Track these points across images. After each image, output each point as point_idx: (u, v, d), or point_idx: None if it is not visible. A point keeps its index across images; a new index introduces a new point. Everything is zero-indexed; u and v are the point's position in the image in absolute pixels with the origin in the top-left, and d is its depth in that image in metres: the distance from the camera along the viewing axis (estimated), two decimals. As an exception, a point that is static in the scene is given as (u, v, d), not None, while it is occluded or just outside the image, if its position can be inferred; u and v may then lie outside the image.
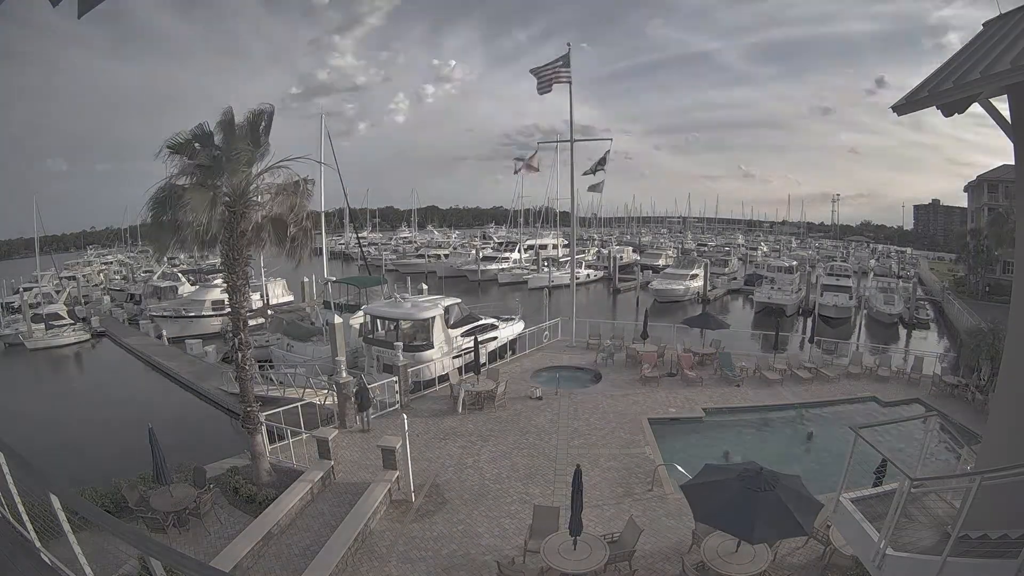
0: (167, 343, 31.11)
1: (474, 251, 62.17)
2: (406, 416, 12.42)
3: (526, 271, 55.94)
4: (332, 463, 12.53)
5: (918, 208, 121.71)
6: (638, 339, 21.91)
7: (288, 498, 11.02)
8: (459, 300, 24.44)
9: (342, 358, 17.16)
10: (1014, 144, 5.49)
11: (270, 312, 30.94)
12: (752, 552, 8.34)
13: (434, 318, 21.73)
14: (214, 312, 34.07)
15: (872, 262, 69.71)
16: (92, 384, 28.01)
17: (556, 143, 32.25)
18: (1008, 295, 6.21)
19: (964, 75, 4.83)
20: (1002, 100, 5.23)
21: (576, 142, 24.58)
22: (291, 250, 11.90)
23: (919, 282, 46.81)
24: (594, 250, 70.11)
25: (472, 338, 20.05)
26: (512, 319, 26.49)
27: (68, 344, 32.89)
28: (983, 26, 5.57)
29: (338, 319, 21.06)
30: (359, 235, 56.69)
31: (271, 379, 20.54)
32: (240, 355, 12.08)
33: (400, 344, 18.40)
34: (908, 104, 5.36)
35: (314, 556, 9.24)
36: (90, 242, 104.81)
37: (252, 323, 21.62)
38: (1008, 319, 6.04)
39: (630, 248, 72.71)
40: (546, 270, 52.21)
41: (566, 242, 60.11)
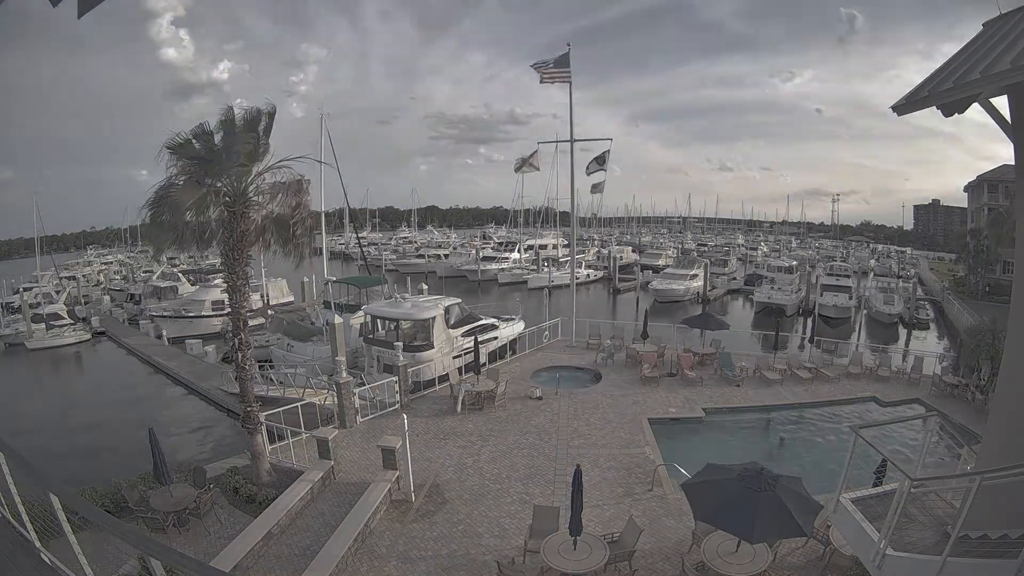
0: (167, 343, 31.14)
1: (474, 251, 62.16)
2: (406, 416, 12.41)
3: (526, 271, 55.92)
4: (332, 463, 12.53)
5: (918, 208, 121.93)
6: (638, 339, 21.90)
7: (288, 498, 11.02)
8: (459, 300, 24.43)
9: (342, 358, 17.14)
10: (1014, 144, 5.50)
11: (270, 312, 30.95)
12: (752, 552, 8.34)
13: (434, 318, 21.74)
14: (214, 312, 34.08)
15: (872, 262, 69.74)
16: (92, 384, 27.98)
17: (556, 143, 32.19)
18: (1008, 295, 6.21)
19: (964, 75, 4.82)
20: (1002, 100, 5.23)
21: (576, 142, 24.60)
22: (293, 250, 11.90)
23: (919, 282, 46.82)
24: (594, 250, 70.09)
25: (472, 338, 20.07)
26: (512, 319, 26.51)
27: (68, 344, 32.88)
28: (983, 26, 5.57)
29: (338, 319, 21.09)
30: (359, 235, 56.71)
31: (271, 379, 20.52)
32: (240, 355, 12.08)
33: (400, 344, 18.40)
34: (908, 104, 5.36)
35: (314, 556, 9.24)
36: (90, 242, 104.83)
37: (252, 323, 21.62)
38: (1008, 319, 6.05)
39: (630, 248, 72.71)
40: (546, 270, 52.26)
41: (566, 242, 60.14)
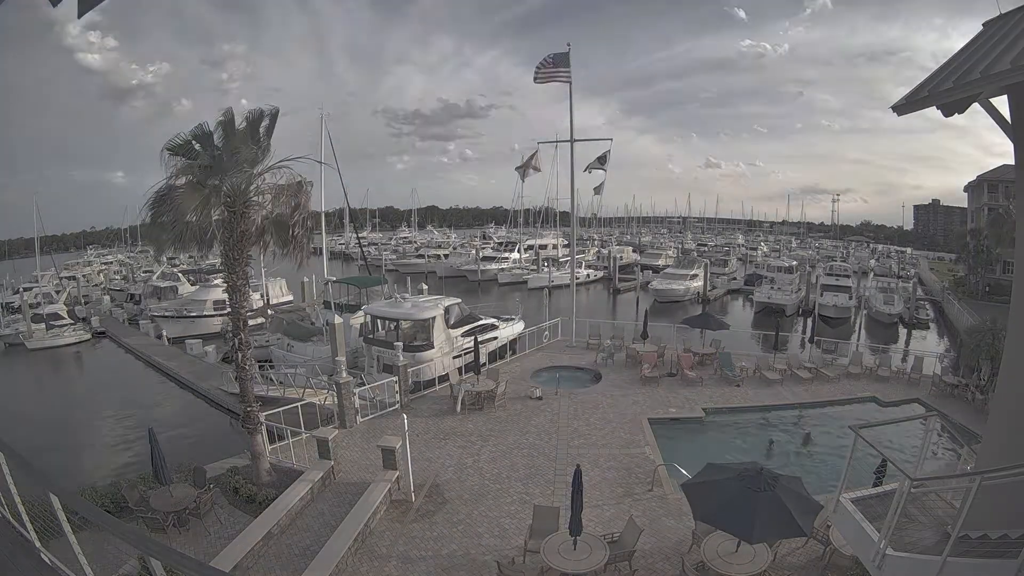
0: (168, 343, 31.14)
1: (474, 251, 62.15)
2: (406, 416, 12.41)
3: (526, 271, 55.89)
4: (332, 463, 12.53)
5: (918, 208, 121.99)
6: (638, 339, 21.90)
7: (288, 498, 11.01)
8: (459, 300, 24.42)
9: (342, 358, 17.14)
10: (1014, 144, 5.50)
11: (270, 312, 30.92)
12: (752, 552, 8.34)
13: (434, 318, 21.73)
14: (216, 312, 34.10)
15: (872, 262, 69.69)
16: (92, 384, 27.98)
17: (556, 143, 32.20)
18: (1008, 295, 6.21)
19: (964, 75, 4.82)
20: (1002, 100, 5.23)
21: (576, 142, 24.61)
22: (293, 250, 11.90)
23: (919, 282, 46.81)
24: (594, 250, 70.06)
25: (472, 338, 20.07)
26: (512, 319, 26.50)
27: (68, 344, 32.86)
28: (983, 26, 5.57)
29: (338, 319, 21.07)
30: (359, 235, 56.69)
31: (271, 379, 20.50)
32: (240, 355, 12.07)
33: (400, 344, 18.40)
34: (908, 104, 5.36)
35: (314, 556, 9.24)
36: (90, 242, 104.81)
37: (252, 323, 21.62)
38: (1008, 319, 6.05)
39: (630, 248, 72.70)
40: (546, 270, 52.24)
41: (566, 242, 60.14)
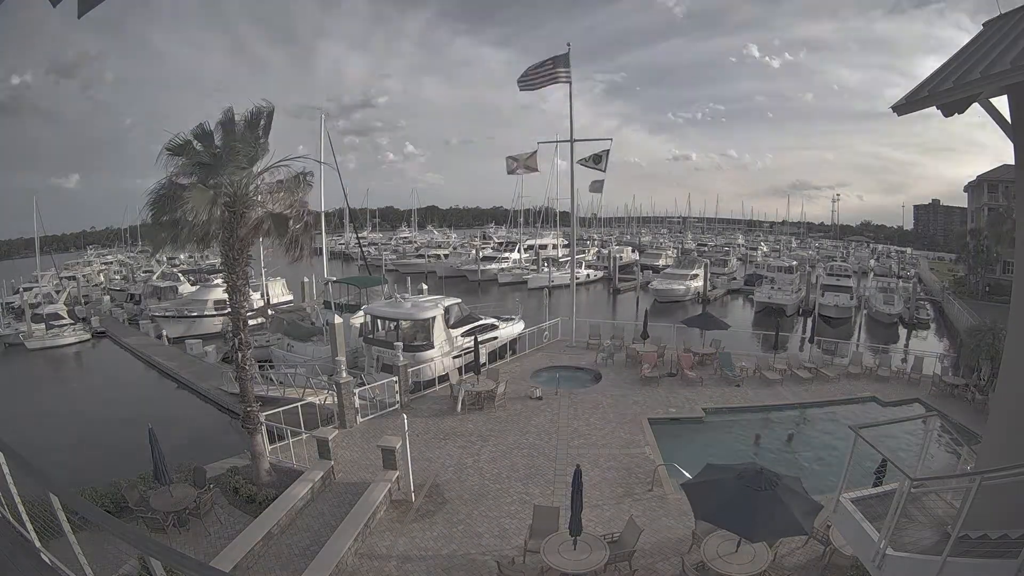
0: (168, 343, 31.14)
1: (474, 251, 62.16)
2: (406, 416, 12.43)
3: (526, 271, 55.89)
4: (332, 463, 12.54)
5: (918, 208, 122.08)
6: (638, 339, 21.90)
7: (288, 498, 11.01)
8: (459, 300, 24.42)
9: (342, 358, 17.13)
10: (1014, 144, 5.49)
11: (270, 312, 30.93)
12: (752, 552, 8.35)
13: (434, 318, 21.73)
14: (216, 312, 34.10)
15: (872, 262, 69.75)
16: (92, 384, 27.96)
17: (556, 143, 32.16)
18: (1008, 295, 6.21)
19: (964, 75, 4.82)
20: (1002, 100, 5.23)
21: (576, 142, 24.59)
22: (291, 245, 11.88)
23: (919, 282, 46.85)
24: (594, 250, 70.10)
25: (472, 338, 20.07)
26: (512, 319, 26.49)
27: (68, 344, 32.85)
28: (983, 26, 5.57)
29: (338, 319, 21.05)
30: (359, 235, 56.70)
31: (271, 379, 20.51)
32: (240, 355, 12.08)
33: (400, 344, 18.40)
34: (908, 104, 5.36)
35: (314, 556, 9.24)
36: (90, 242, 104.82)
37: (252, 323, 21.63)
38: (1008, 319, 6.04)
39: (630, 248, 72.73)
40: (546, 270, 52.19)
41: (566, 242, 60.11)
